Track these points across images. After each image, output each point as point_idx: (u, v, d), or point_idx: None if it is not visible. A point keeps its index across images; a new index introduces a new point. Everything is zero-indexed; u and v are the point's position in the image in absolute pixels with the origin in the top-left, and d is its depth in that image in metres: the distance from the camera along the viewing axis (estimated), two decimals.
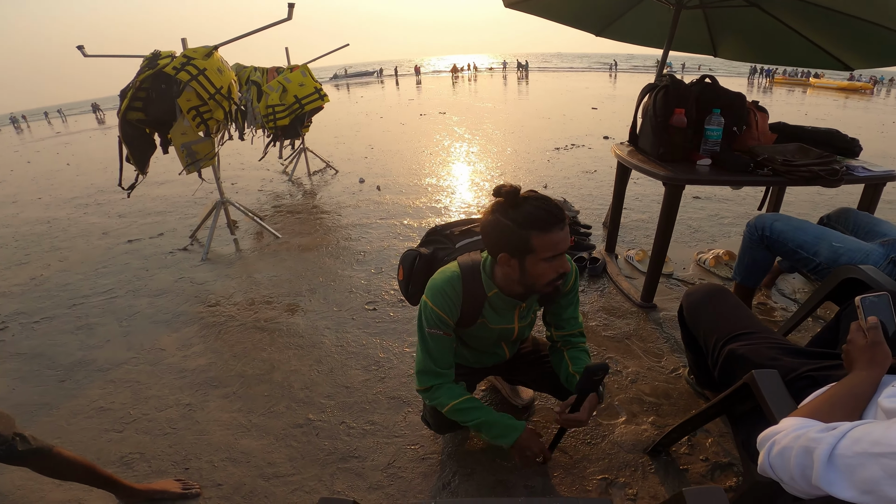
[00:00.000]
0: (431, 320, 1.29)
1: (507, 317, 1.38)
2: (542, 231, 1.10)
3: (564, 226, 1.13)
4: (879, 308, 0.98)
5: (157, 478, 1.64)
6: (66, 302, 3.02)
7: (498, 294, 1.29)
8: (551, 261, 1.15)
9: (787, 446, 0.76)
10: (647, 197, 4.48)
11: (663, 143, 2.24)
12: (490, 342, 1.46)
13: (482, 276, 1.30)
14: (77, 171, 7.87)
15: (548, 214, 1.11)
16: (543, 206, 1.11)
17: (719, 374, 1.33)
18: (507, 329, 1.41)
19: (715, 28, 3.43)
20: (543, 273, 1.17)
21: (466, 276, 1.29)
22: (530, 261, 1.15)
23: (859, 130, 8.20)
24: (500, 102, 14.85)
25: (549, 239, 1.11)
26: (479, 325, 1.36)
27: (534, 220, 1.11)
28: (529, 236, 1.11)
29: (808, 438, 0.73)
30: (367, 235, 3.85)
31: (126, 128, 3.04)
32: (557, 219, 1.11)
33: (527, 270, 1.17)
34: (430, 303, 1.28)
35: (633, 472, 1.55)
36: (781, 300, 2.56)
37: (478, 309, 1.32)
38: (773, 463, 0.78)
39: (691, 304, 1.55)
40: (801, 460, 0.73)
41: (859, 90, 19.44)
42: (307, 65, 5.15)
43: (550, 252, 1.13)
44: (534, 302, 1.41)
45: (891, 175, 2.05)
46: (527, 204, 1.12)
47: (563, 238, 1.13)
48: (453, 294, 1.28)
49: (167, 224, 4.52)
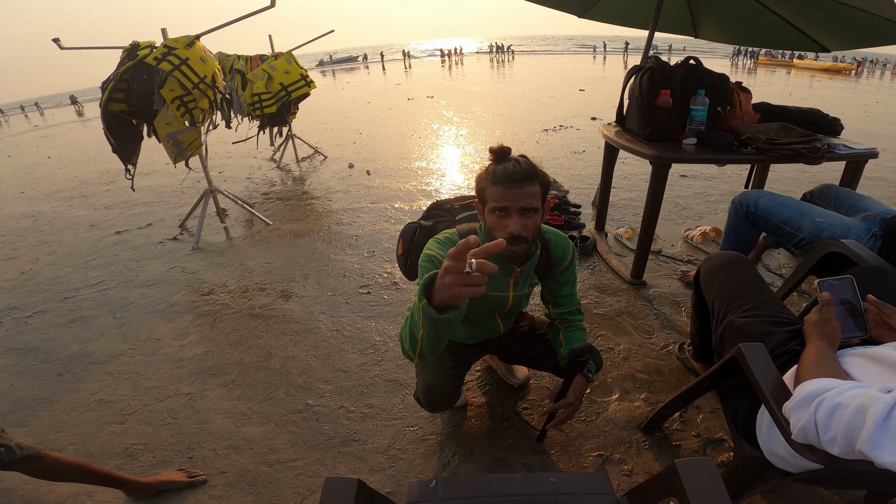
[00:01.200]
0: (431, 264, 1.23)
1: (503, 284, 1.38)
2: (493, 183, 1.17)
3: (519, 186, 1.14)
4: (841, 289, 1.04)
5: (162, 468, 1.66)
6: (57, 295, 3.00)
7: (493, 256, 1.31)
8: (498, 214, 1.18)
9: (842, 403, 0.74)
10: (635, 176, 4.53)
11: (650, 124, 2.26)
12: (484, 312, 1.46)
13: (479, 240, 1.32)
14: (59, 163, 7.71)
15: (503, 171, 1.16)
16: (509, 165, 1.17)
17: (717, 343, 1.36)
18: (502, 297, 1.41)
19: (696, 9, 3.43)
20: (493, 226, 1.20)
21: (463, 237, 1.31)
22: (487, 211, 1.21)
23: (843, 110, 8.33)
24: (488, 86, 14.73)
25: (496, 190, 1.16)
26: None
27: (494, 173, 1.18)
28: (486, 186, 1.19)
29: (868, 396, 0.71)
30: (358, 220, 3.85)
31: (109, 119, 2.99)
32: (512, 177, 1.15)
33: (486, 221, 1.23)
34: (432, 250, 1.27)
35: (627, 449, 1.60)
36: (767, 275, 2.63)
37: None
38: (820, 419, 0.75)
39: (710, 268, 1.55)
40: (852, 419, 0.71)
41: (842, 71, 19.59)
42: (292, 52, 5.07)
43: (493, 203, 1.17)
44: (530, 271, 1.41)
45: (871, 152, 2.10)
46: (504, 162, 1.20)
47: (510, 195, 1.15)
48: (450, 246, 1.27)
49: (155, 214, 4.47)
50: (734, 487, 1.11)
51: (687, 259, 2.85)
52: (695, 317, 1.71)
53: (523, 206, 1.15)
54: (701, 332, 1.71)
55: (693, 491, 0.72)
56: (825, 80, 15.44)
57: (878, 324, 1.02)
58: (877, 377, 0.88)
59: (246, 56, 5.24)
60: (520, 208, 1.16)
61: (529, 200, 1.16)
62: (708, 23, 3.57)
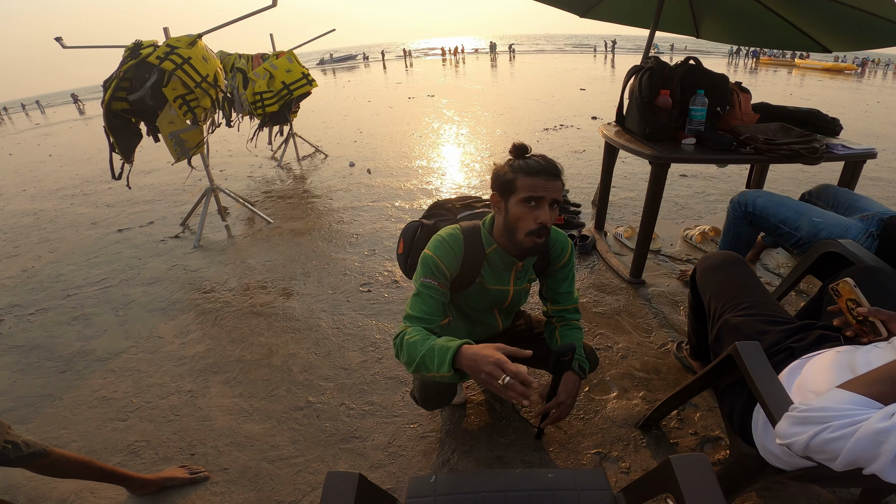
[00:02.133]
0: (429, 268, 1.30)
1: (504, 278, 1.41)
2: (527, 174, 1.20)
3: (552, 179, 1.21)
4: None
5: (164, 465, 1.68)
6: (59, 293, 3.02)
7: (496, 250, 1.35)
8: (529, 204, 1.21)
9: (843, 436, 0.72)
10: (635, 175, 4.54)
11: (649, 123, 2.28)
12: (485, 307, 1.48)
13: (482, 234, 1.36)
14: (60, 161, 7.73)
15: (537, 164, 1.21)
16: (539, 158, 1.23)
17: (713, 342, 1.37)
18: (503, 291, 1.43)
19: (698, 9, 3.44)
20: (521, 216, 1.23)
21: (467, 234, 1.35)
22: (512, 201, 1.23)
23: (843, 110, 8.33)
24: (489, 85, 14.73)
25: (531, 181, 1.20)
26: (476, 285, 1.40)
27: (526, 166, 1.22)
28: (516, 177, 1.22)
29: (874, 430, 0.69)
30: (359, 218, 3.87)
31: (111, 117, 3.01)
32: (546, 170, 1.20)
33: (509, 211, 1.25)
34: (431, 252, 1.31)
35: (625, 447, 1.62)
36: (765, 274, 2.64)
37: (477, 267, 1.36)
38: (815, 446, 0.75)
39: (706, 267, 1.56)
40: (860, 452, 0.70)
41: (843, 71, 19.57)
42: (293, 51, 5.08)
43: (528, 192, 1.20)
44: (529, 266, 1.44)
45: (870, 153, 2.11)
46: (529, 156, 1.25)
47: (546, 186, 1.20)
48: (455, 245, 1.32)
49: (156, 212, 4.49)
50: (730, 485, 1.13)
51: (686, 258, 2.86)
52: (691, 316, 1.72)
53: (555, 198, 1.22)
54: (698, 332, 1.72)
55: (687, 486, 0.74)
56: (826, 80, 15.42)
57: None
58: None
59: (247, 55, 5.25)
60: (551, 199, 1.21)
61: (558, 193, 1.23)
62: (710, 23, 3.57)
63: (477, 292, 1.42)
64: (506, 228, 1.29)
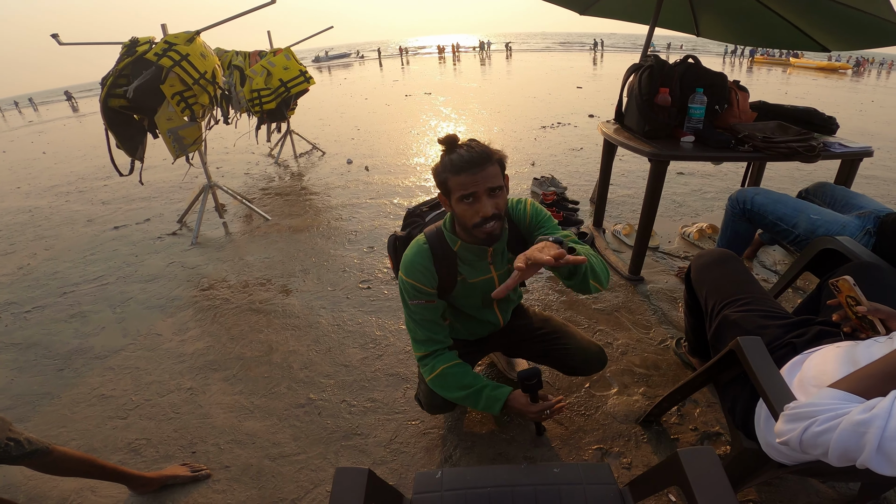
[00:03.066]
0: (411, 293, 1.34)
1: (482, 267, 1.40)
2: (453, 173, 1.20)
3: (480, 169, 1.18)
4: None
5: (165, 462, 1.67)
6: (56, 290, 3.00)
7: (463, 245, 1.34)
8: (466, 201, 1.21)
9: (830, 428, 0.75)
10: (633, 173, 4.55)
11: (648, 121, 2.28)
12: (477, 303, 1.47)
13: (445, 235, 1.35)
14: (54, 159, 7.65)
15: (460, 158, 1.19)
16: (463, 152, 1.20)
17: (712, 338, 1.38)
18: (487, 281, 1.42)
19: (697, 6, 3.45)
20: (464, 213, 1.23)
21: (432, 240, 1.35)
22: (453, 200, 1.24)
23: (838, 109, 8.38)
24: (486, 82, 14.71)
25: (459, 179, 1.19)
26: (459, 284, 1.40)
27: (451, 163, 1.20)
28: (447, 178, 1.22)
29: (854, 422, 0.72)
30: (357, 215, 3.86)
31: (110, 115, 2.99)
32: (471, 162, 1.18)
33: (454, 210, 1.26)
34: (406, 277, 1.34)
35: (626, 442, 1.63)
36: (763, 271, 2.66)
37: (453, 268, 1.36)
38: (807, 440, 0.78)
39: (700, 265, 1.58)
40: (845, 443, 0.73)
41: (838, 70, 19.68)
42: (290, 48, 5.06)
43: (460, 192, 1.20)
44: (503, 247, 1.40)
45: (866, 151, 2.13)
46: (456, 150, 1.22)
47: (474, 180, 1.18)
48: (424, 261, 1.33)
49: (153, 209, 4.46)
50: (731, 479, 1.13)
51: (684, 255, 2.88)
52: (688, 314, 1.74)
53: (489, 186, 1.19)
54: (695, 329, 1.74)
55: (696, 479, 0.74)
56: (821, 79, 15.50)
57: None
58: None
59: (244, 52, 5.23)
60: (486, 189, 1.19)
61: (493, 180, 1.20)
62: (709, 21, 3.58)
63: (463, 291, 1.42)
64: (460, 224, 1.30)
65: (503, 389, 1.37)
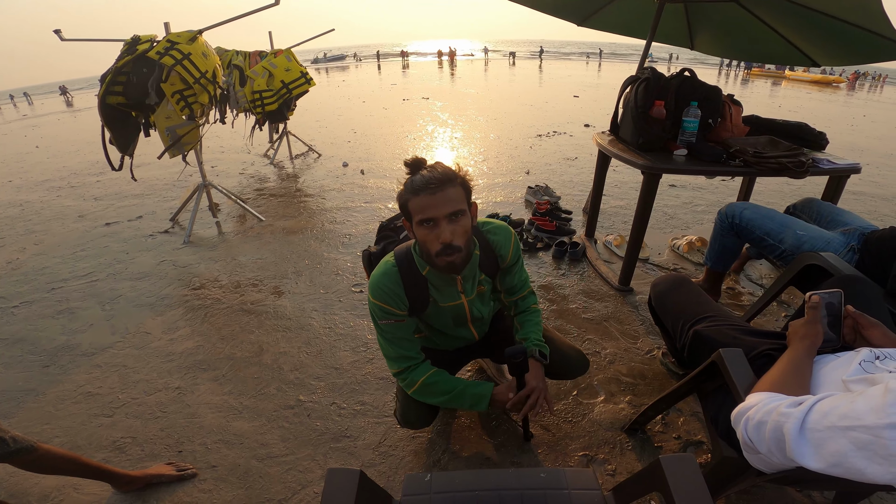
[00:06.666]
0: (380, 315, 1.31)
1: (451, 293, 1.37)
2: (413, 194, 1.15)
3: (438, 190, 1.12)
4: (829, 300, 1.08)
5: (150, 462, 1.67)
6: (44, 286, 2.98)
7: (430, 271, 1.29)
8: (426, 226, 1.16)
9: (762, 421, 0.81)
10: (626, 184, 4.60)
11: (643, 133, 2.32)
12: (449, 323, 1.45)
13: (415, 258, 1.30)
14: (47, 153, 7.60)
15: (420, 179, 1.15)
16: (424, 174, 1.16)
17: (688, 354, 1.42)
18: (457, 307, 1.40)
19: (694, 22, 3.51)
20: (424, 239, 1.18)
21: (401, 262, 1.30)
22: (414, 226, 1.19)
23: (830, 123, 8.50)
24: (484, 89, 14.79)
25: (417, 201, 1.14)
26: (431, 306, 1.37)
27: (412, 183, 1.16)
28: (408, 199, 1.17)
29: (779, 413, 0.79)
30: (351, 218, 3.87)
31: (108, 111, 2.98)
32: (428, 185, 1.13)
33: (416, 236, 1.21)
34: (373, 299, 1.29)
35: (611, 449, 1.65)
36: (749, 285, 2.69)
37: (423, 291, 1.33)
38: (752, 437, 0.84)
39: (658, 293, 1.66)
40: (774, 434, 0.79)
41: (832, 84, 19.98)
42: (291, 49, 5.08)
43: (419, 216, 1.15)
44: (474, 272, 1.37)
45: (854, 168, 2.17)
46: (419, 172, 1.19)
47: (433, 203, 1.13)
48: (391, 284, 1.28)
49: (146, 207, 4.44)
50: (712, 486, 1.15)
51: (673, 267, 2.91)
52: (663, 333, 1.78)
53: (449, 211, 1.14)
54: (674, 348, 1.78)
55: (676, 485, 0.76)
56: (815, 93, 15.72)
57: (851, 331, 1.07)
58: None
59: (245, 52, 5.23)
60: (447, 215, 1.14)
61: (453, 204, 1.14)
62: (705, 36, 3.64)
63: (434, 313, 1.40)
64: (422, 252, 1.25)
65: (486, 385, 1.37)
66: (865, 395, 0.72)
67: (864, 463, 0.68)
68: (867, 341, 1.03)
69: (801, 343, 1.02)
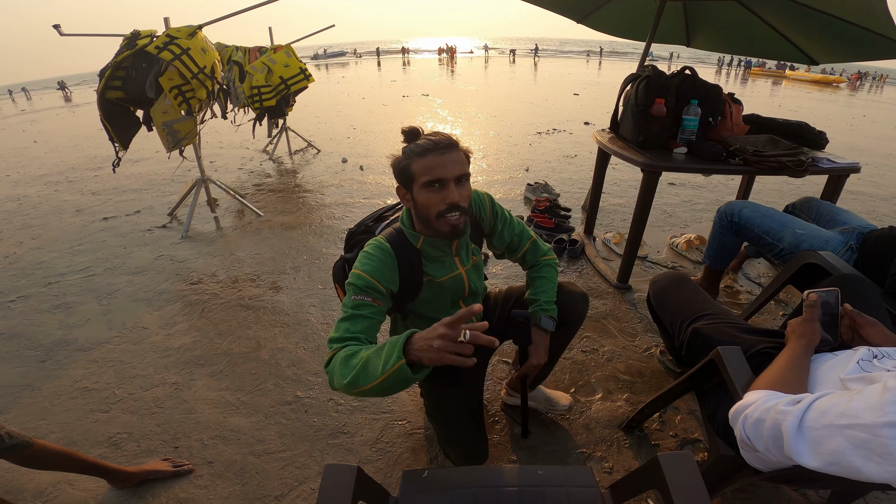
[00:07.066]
0: (358, 287, 1.14)
1: (449, 263, 1.32)
2: (419, 156, 1.13)
3: (447, 151, 1.12)
4: (827, 299, 1.08)
5: (146, 457, 1.66)
6: (41, 280, 2.97)
7: (426, 240, 1.25)
8: (432, 188, 1.13)
9: (760, 419, 0.81)
10: (626, 182, 4.60)
11: (643, 131, 2.31)
12: (446, 304, 1.37)
13: (405, 232, 1.26)
14: (45, 148, 7.56)
15: (427, 142, 1.14)
16: (429, 136, 1.16)
17: (686, 352, 1.42)
18: (456, 278, 1.33)
19: (692, 19, 3.50)
20: (428, 202, 1.15)
21: (393, 241, 1.24)
22: (416, 190, 1.16)
23: (830, 123, 8.49)
24: (483, 86, 14.76)
25: (424, 162, 1.12)
26: (426, 286, 1.30)
27: (416, 147, 1.15)
28: (410, 163, 1.15)
29: (777, 411, 0.78)
30: (350, 214, 3.86)
31: (107, 106, 2.97)
32: (438, 145, 1.12)
33: (417, 201, 1.18)
34: (359, 269, 1.16)
35: (608, 447, 1.65)
36: (747, 283, 2.69)
37: (418, 268, 1.27)
38: (750, 434, 0.83)
39: (657, 290, 1.65)
40: (772, 432, 0.78)
41: (832, 83, 19.98)
42: (291, 45, 5.06)
43: (427, 176, 1.12)
44: (466, 241, 1.34)
45: (853, 167, 2.16)
46: (419, 139, 1.17)
47: (442, 162, 1.12)
48: (384, 256, 1.20)
49: (144, 201, 4.43)
50: (709, 484, 1.15)
51: (671, 265, 2.91)
52: (661, 331, 1.78)
53: (458, 173, 1.13)
54: (672, 346, 1.77)
55: (674, 483, 0.76)
56: (815, 92, 15.72)
57: (849, 329, 1.07)
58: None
59: (245, 48, 5.21)
60: (455, 177, 1.13)
61: (461, 167, 1.14)
62: (703, 34, 3.63)
63: (431, 292, 1.32)
64: (419, 218, 1.22)
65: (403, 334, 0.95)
66: (863, 393, 0.72)
67: (861, 461, 0.67)
68: (865, 340, 1.03)
69: (798, 341, 1.02)
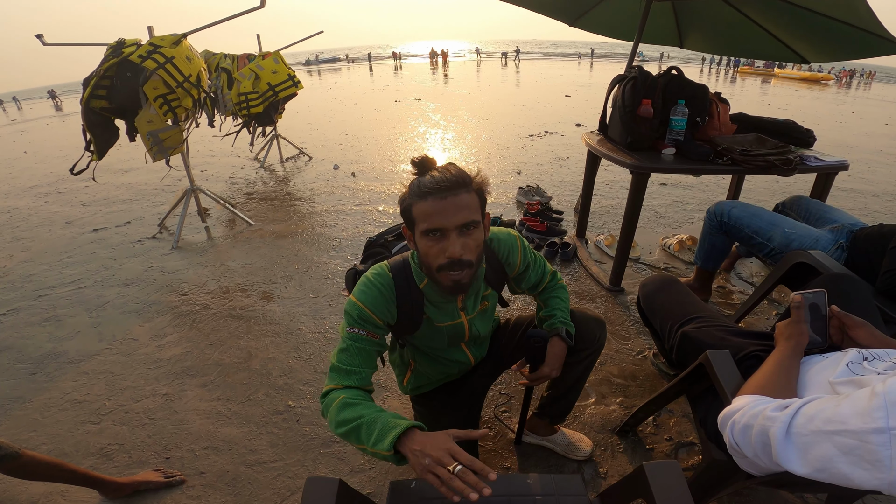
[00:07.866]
0: (353, 318, 1.08)
1: (451, 311, 1.20)
2: (419, 198, 0.98)
3: (451, 194, 0.96)
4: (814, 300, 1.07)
5: (138, 468, 1.65)
6: (31, 293, 2.94)
7: (429, 285, 1.14)
8: (431, 237, 1.00)
9: (748, 424, 0.80)
10: (617, 184, 4.61)
11: (631, 133, 2.32)
12: (444, 344, 1.27)
13: (412, 269, 1.14)
14: (35, 158, 7.52)
15: (431, 181, 0.97)
16: (435, 174, 0.99)
17: (676, 355, 1.42)
18: (457, 326, 1.23)
19: (682, 20, 3.52)
20: (428, 252, 1.01)
21: (396, 272, 1.13)
22: (417, 235, 1.03)
23: (818, 120, 8.55)
24: (476, 90, 14.80)
25: (424, 206, 0.97)
26: (424, 325, 1.20)
27: (418, 185, 0.99)
28: (412, 204, 1.01)
29: (765, 417, 0.77)
30: (342, 222, 3.85)
31: (90, 115, 2.95)
32: (440, 185, 0.96)
33: (418, 248, 1.05)
34: (356, 299, 1.09)
35: (603, 452, 1.64)
36: (739, 283, 2.70)
37: (418, 307, 1.16)
38: (738, 441, 0.82)
39: (646, 293, 1.65)
40: (760, 438, 0.77)
41: (820, 81, 20.17)
42: (279, 52, 5.05)
43: (425, 223, 0.98)
44: (478, 288, 1.21)
45: (841, 165, 2.18)
46: (429, 172, 1.02)
47: (443, 209, 0.96)
48: (383, 289, 1.10)
49: (134, 212, 4.40)
50: (702, 489, 1.15)
51: (664, 267, 2.92)
52: (652, 334, 1.78)
53: (461, 222, 0.97)
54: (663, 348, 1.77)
55: (659, 492, 0.75)
56: (804, 90, 15.85)
57: (838, 331, 1.07)
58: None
59: (233, 55, 5.20)
60: (458, 226, 0.98)
61: (466, 213, 0.98)
62: (694, 34, 3.66)
63: (428, 332, 1.23)
64: (423, 266, 1.08)
65: (405, 421, 0.91)
66: (851, 398, 0.71)
67: (849, 468, 0.66)
68: (854, 342, 1.03)
69: (786, 344, 1.02)
